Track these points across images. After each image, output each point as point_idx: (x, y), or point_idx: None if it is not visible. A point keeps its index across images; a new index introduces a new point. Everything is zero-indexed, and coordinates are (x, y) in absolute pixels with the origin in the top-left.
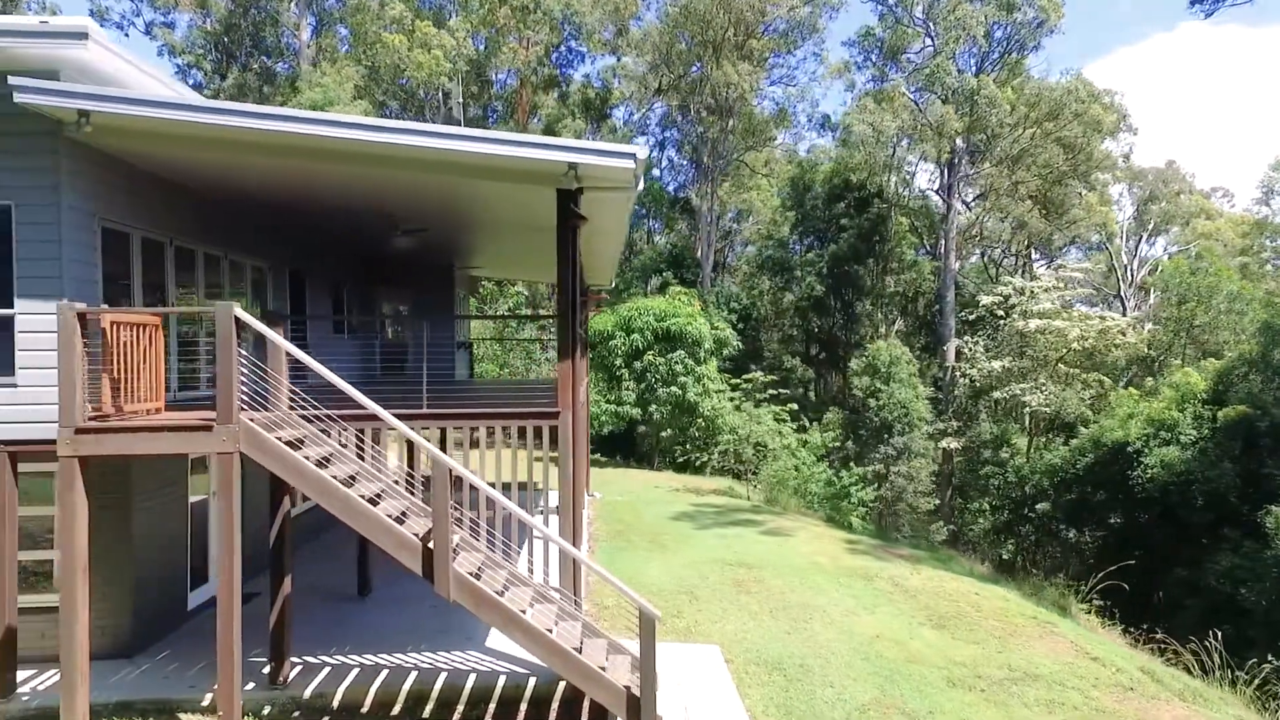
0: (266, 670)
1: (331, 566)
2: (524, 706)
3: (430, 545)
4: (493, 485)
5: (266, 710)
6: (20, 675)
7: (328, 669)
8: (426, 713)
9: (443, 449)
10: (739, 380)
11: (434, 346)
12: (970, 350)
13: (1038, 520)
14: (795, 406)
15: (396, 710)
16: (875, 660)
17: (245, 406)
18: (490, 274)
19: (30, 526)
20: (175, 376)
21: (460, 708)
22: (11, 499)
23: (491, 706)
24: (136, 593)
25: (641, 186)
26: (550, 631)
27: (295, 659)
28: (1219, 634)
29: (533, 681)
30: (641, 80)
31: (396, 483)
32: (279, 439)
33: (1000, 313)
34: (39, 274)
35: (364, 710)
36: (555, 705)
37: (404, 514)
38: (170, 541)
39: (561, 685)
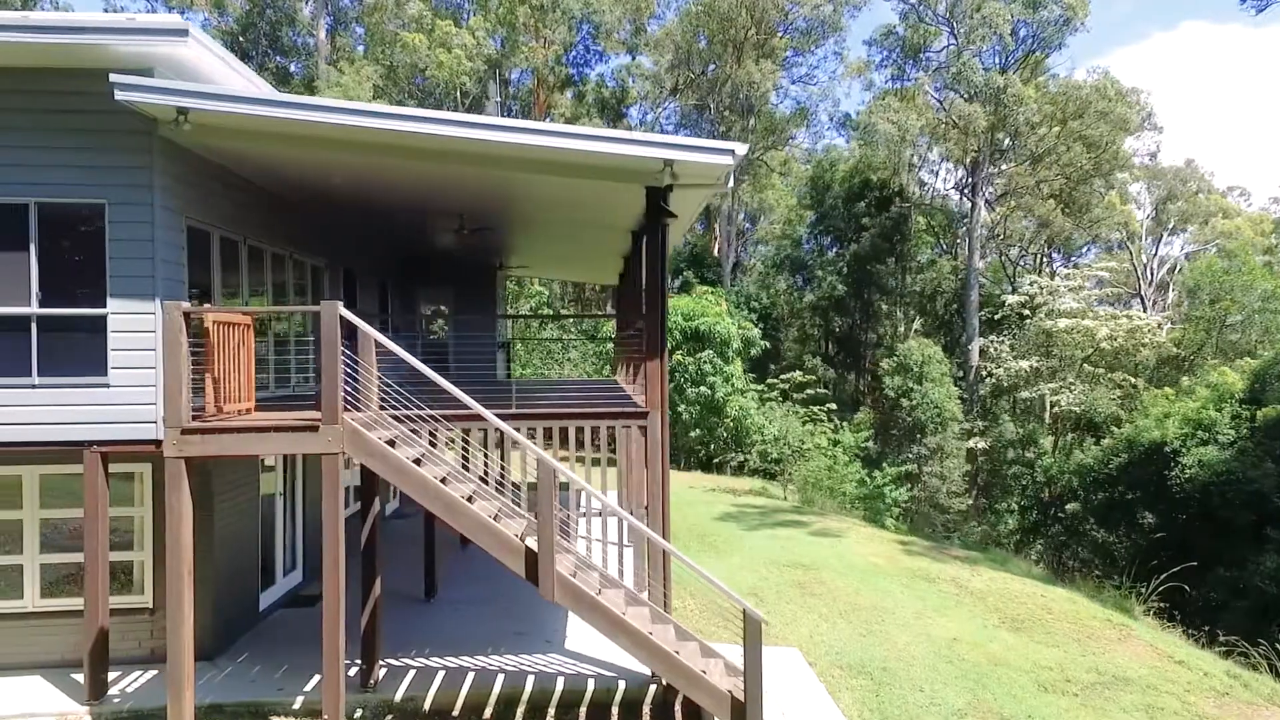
0: (354, 673)
1: (391, 569)
2: (615, 710)
3: (533, 546)
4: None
5: (359, 713)
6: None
7: (413, 671)
8: (518, 717)
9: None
10: (775, 380)
11: (478, 346)
12: (996, 350)
13: (1067, 521)
14: (834, 406)
15: (488, 714)
16: (958, 663)
17: (348, 407)
18: (533, 274)
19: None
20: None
21: (551, 711)
22: (104, 500)
23: (583, 710)
24: (217, 594)
25: (732, 183)
26: (651, 635)
27: (379, 661)
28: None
29: (622, 685)
30: (656, 79)
31: (485, 483)
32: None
33: (1026, 312)
34: (132, 273)
35: (455, 714)
36: (647, 709)
37: (497, 514)
38: (244, 542)
39: (653, 689)
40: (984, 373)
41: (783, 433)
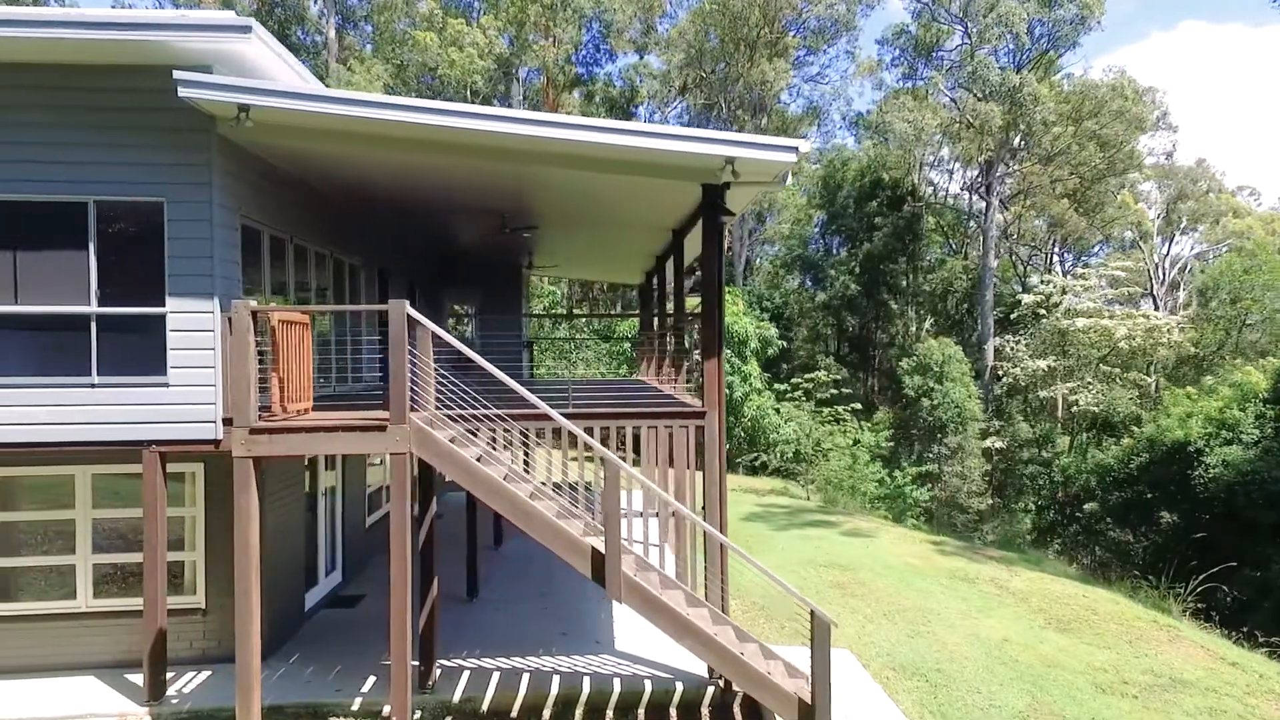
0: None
1: (442, 569)
2: (674, 711)
3: (599, 547)
4: (588, 487)
5: (418, 714)
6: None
7: (467, 672)
8: (577, 718)
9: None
10: (799, 379)
11: (503, 346)
12: (1012, 349)
13: (1084, 520)
14: (858, 405)
15: (547, 715)
16: (1012, 665)
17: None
18: (561, 273)
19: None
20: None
21: (609, 713)
22: (162, 500)
23: (641, 712)
24: (268, 595)
25: (789, 180)
26: (716, 637)
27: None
28: None
29: (680, 686)
30: (665, 78)
31: (544, 484)
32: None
33: (1043, 311)
34: (190, 272)
35: (513, 714)
36: (705, 710)
37: (556, 514)
38: (291, 542)
39: (710, 690)
40: (1000, 372)
41: (806, 432)
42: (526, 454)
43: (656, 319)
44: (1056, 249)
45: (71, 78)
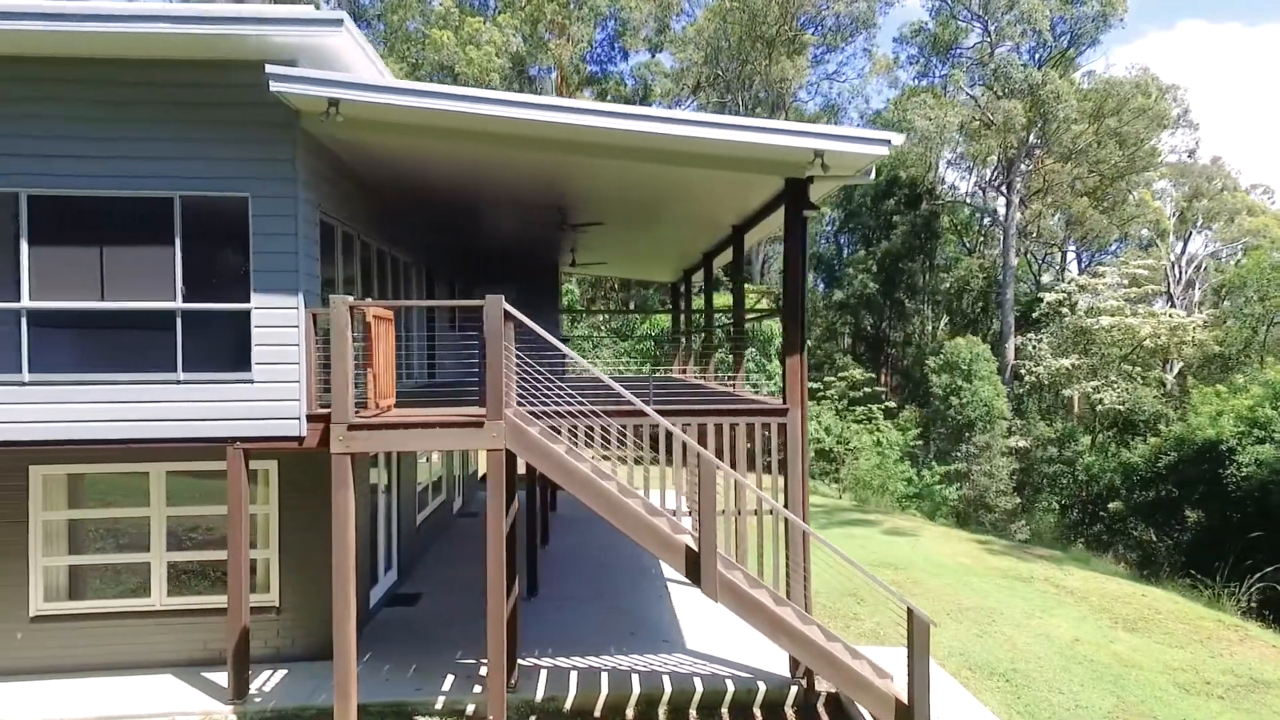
0: (484, 672)
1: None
2: (758, 712)
3: (693, 545)
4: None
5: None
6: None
7: (544, 671)
8: (660, 718)
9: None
10: (832, 378)
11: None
12: (1035, 348)
13: (1108, 520)
14: (893, 404)
15: (630, 714)
16: (1087, 665)
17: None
18: (600, 271)
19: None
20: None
21: (693, 712)
22: (246, 498)
23: (725, 711)
24: None
25: (872, 175)
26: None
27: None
28: None
29: (763, 686)
30: (677, 77)
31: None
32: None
33: (1065, 310)
34: (275, 268)
35: (597, 714)
36: (789, 710)
37: (645, 510)
38: (358, 541)
39: (793, 690)
40: (1023, 370)
41: (836, 432)
42: (606, 449)
43: (723, 316)
44: (1073, 247)
45: (157, 73)
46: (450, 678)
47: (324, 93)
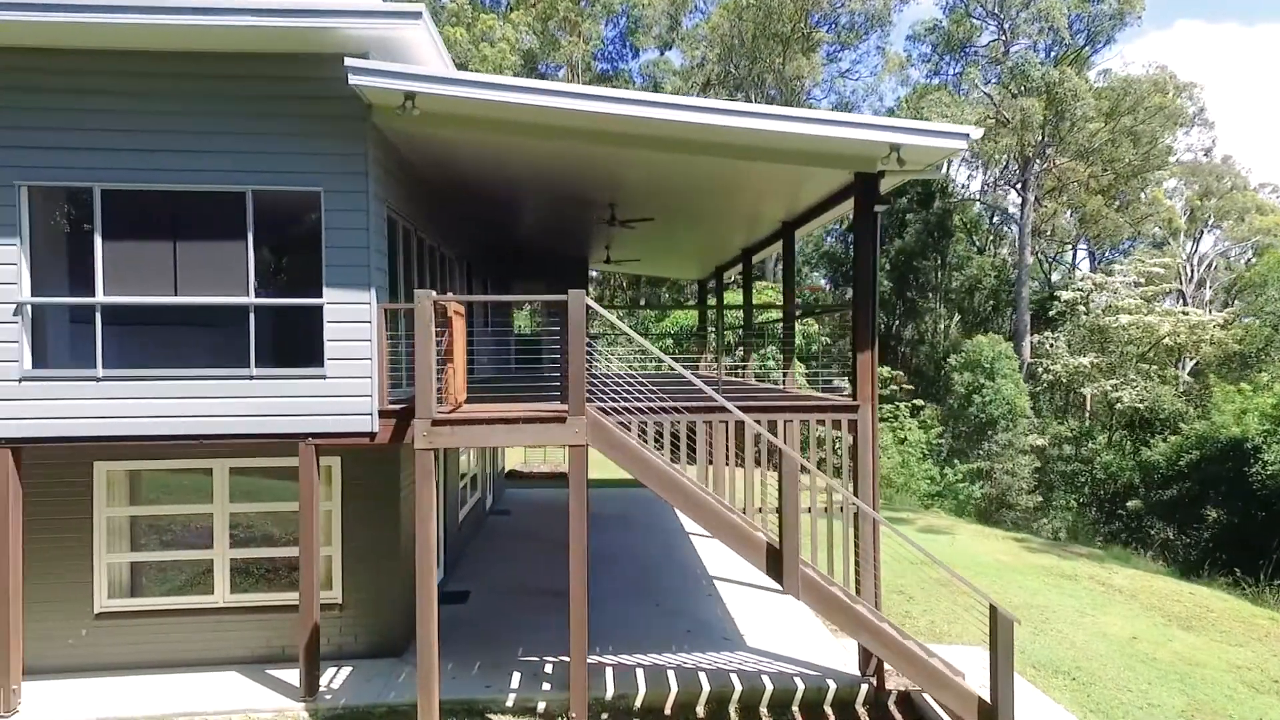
0: (550, 668)
1: (526, 565)
2: (829, 710)
3: (774, 542)
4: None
5: (573, 713)
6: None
7: (609, 669)
8: (731, 716)
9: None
10: None
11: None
12: (1051, 346)
13: (1127, 518)
14: (920, 403)
15: (701, 713)
16: (1150, 664)
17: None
18: (635, 269)
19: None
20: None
21: (763, 710)
22: (318, 494)
23: (795, 710)
24: (404, 590)
25: (944, 170)
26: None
27: (566, 658)
28: None
29: (832, 685)
30: (686, 75)
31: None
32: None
33: (1082, 308)
34: (347, 263)
35: (667, 712)
36: (861, 709)
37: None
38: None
39: (864, 688)
40: (1040, 369)
41: None
42: (675, 446)
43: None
44: (1085, 246)
45: (231, 65)
46: (517, 675)
47: (403, 86)
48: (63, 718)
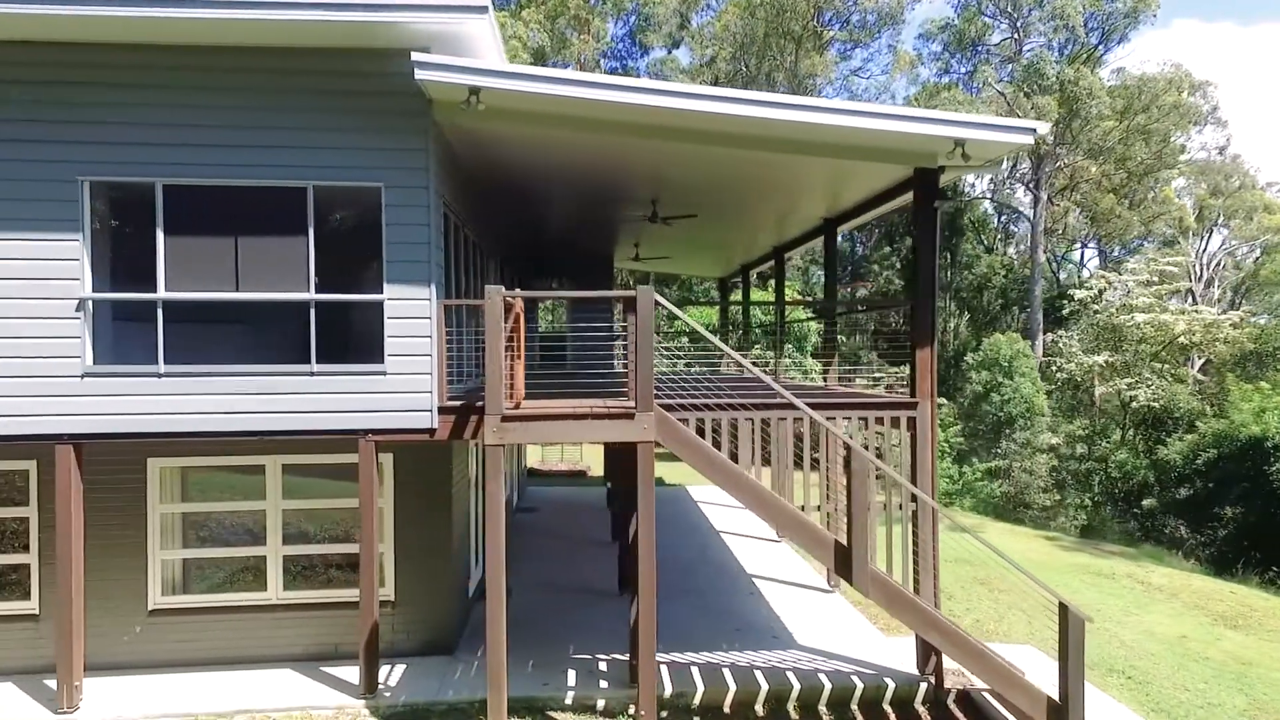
0: (604, 666)
1: (559, 563)
2: (888, 709)
3: (844, 541)
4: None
5: (632, 709)
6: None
7: (664, 667)
8: (790, 714)
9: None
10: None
11: (596, 337)
12: (1065, 344)
13: (1142, 516)
14: (943, 402)
15: (761, 711)
16: (1204, 663)
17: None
18: (664, 267)
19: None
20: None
21: (822, 708)
22: (376, 490)
23: (854, 708)
24: (454, 586)
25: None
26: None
27: (620, 656)
28: None
29: (891, 683)
30: (694, 73)
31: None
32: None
33: (1096, 307)
34: (407, 258)
35: (726, 710)
36: (921, 707)
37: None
38: (463, 533)
39: (923, 686)
40: (1054, 367)
41: None
42: (734, 443)
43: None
44: (1094, 244)
45: (292, 60)
46: (573, 673)
47: (470, 81)
48: (124, 714)
